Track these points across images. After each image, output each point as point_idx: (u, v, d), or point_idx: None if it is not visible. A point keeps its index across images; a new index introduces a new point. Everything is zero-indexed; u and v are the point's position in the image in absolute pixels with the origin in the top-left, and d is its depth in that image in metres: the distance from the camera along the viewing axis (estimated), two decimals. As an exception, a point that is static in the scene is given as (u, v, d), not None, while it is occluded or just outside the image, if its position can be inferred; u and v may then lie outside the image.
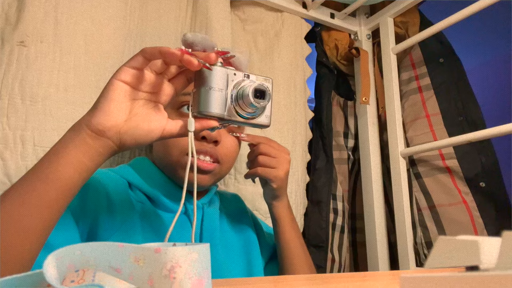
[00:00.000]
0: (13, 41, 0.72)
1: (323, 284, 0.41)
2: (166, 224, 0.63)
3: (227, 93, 0.48)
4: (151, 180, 0.66)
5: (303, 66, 1.15)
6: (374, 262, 1.08)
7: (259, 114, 0.51)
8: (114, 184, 0.62)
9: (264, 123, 0.52)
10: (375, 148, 1.16)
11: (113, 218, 0.58)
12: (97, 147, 0.44)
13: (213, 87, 0.47)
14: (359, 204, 1.19)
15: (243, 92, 0.48)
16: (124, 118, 0.45)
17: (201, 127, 0.47)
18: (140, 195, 0.64)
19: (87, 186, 0.57)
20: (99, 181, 0.60)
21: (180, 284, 0.25)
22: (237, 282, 0.43)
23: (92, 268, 0.26)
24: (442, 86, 1.12)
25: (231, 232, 0.73)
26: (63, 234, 0.51)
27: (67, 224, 0.52)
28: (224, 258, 0.67)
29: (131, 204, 0.61)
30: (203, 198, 0.71)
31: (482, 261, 0.20)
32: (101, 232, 0.56)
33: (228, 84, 0.48)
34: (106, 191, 0.60)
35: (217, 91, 0.47)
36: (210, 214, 0.69)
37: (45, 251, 0.45)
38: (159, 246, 0.26)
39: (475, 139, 0.90)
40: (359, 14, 1.25)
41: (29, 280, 0.25)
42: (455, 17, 0.95)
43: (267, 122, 0.52)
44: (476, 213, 0.99)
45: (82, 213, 0.55)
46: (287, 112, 1.07)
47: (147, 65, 0.45)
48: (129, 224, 0.59)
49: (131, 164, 0.70)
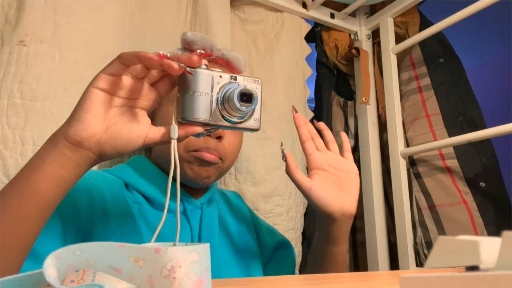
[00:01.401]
0: (12, 41, 0.72)
1: (323, 284, 0.41)
2: (164, 225, 0.63)
3: (212, 96, 0.46)
4: (150, 179, 0.65)
5: (303, 66, 1.15)
6: (374, 262, 1.08)
7: (247, 118, 0.48)
8: (109, 186, 0.61)
9: (253, 127, 0.49)
10: (375, 148, 1.16)
11: (108, 222, 0.57)
12: (76, 159, 0.43)
13: (197, 91, 0.45)
14: (359, 204, 1.19)
15: (228, 96, 0.45)
16: (103, 128, 0.43)
17: (185, 133, 0.45)
18: (137, 196, 0.63)
19: (79, 190, 0.56)
20: (93, 184, 0.59)
21: (180, 284, 0.25)
22: (236, 282, 0.43)
23: (92, 268, 0.26)
24: (442, 86, 1.12)
25: (230, 231, 0.72)
26: (50, 242, 0.50)
27: (54, 232, 0.51)
28: (222, 258, 0.66)
29: (127, 206, 0.60)
30: (202, 197, 0.70)
31: (482, 261, 0.20)
32: (96, 237, 0.55)
33: (213, 87, 0.46)
34: (101, 194, 0.59)
35: (202, 95, 0.45)
36: (209, 214, 0.68)
37: (30, 260, 0.45)
38: (159, 246, 0.26)
39: (475, 139, 0.90)
40: (359, 14, 1.25)
41: (29, 280, 0.25)
42: (455, 17, 0.95)
43: (256, 126, 0.49)
44: (476, 213, 0.99)
45: (75, 219, 0.54)
46: (287, 112, 1.07)
47: (126, 70, 0.43)
48: (125, 227, 0.58)
49: (129, 163, 0.69)
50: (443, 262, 0.22)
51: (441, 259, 0.22)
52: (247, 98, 0.45)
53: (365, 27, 1.24)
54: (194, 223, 0.65)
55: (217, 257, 0.65)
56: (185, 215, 0.65)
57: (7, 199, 0.41)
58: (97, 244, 0.25)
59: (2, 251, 0.39)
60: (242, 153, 0.96)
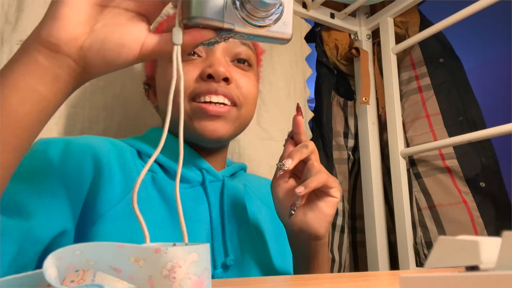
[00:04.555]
0: (12, 41, 0.72)
1: (323, 284, 0.41)
2: (181, 196, 0.55)
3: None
4: (165, 148, 0.57)
5: (303, 66, 1.15)
6: (374, 262, 1.08)
7: (273, 21, 0.35)
8: (118, 151, 0.54)
9: (283, 35, 0.36)
10: (375, 148, 1.16)
11: (115, 189, 0.51)
12: (54, 69, 0.33)
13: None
14: (359, 204, 1.19)
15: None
16: (87, 28, 0.34)
17: (192, 39, 0.35)
18: (151, 164, 0.58)
19: (85, 152, 0.50)
20: (100, 147, 0.53)
21: (180, 284, 0.25)
22: (237, 282, 0.43)
23: (92, 268, 0.26)
24: (442, 86, 1.12)
25: (259, 214, 0.65)
26: (51, 209, 0.44)
27: (56, 201, 0.45)
28: (253, 240, 0.60)
29: (139, 174, 0.55)
30: (223, 170, 0.63)
31: (482, 261, 0.20)
32: (99, 205, 0.49)
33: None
34: (108, 158, 0.52)
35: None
36: (232, 187, 0.61)
37: (21, 219, 0.40)
38: (159, 246, 0.26)
39: (475, 139, 0.90)
40: (359, 14, 1.25)
41: (29, 280, 0.25)
42: (455, 17, 0.95)
43: (287, 32, 0.36)
44: (476, 213, 1.00)
45: (79, 185, 0.48)
46: (287, 112, 1.07)
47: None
48: None
49: (143, 135, 0.63)
50: (443, 262, 0.22)
51: (441, 259, 0.22)
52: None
53: (365, 27, 1.24)
54: (213, 198, 0.59)
55: (244, 238, 0.59)
56: (203, 187, 0.59)
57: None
58: (97, 244, 0.25)
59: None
60: (245, 153, 0.96)
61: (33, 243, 0.43)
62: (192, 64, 0.58)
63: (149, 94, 0.68)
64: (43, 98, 0.33)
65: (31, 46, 0.33)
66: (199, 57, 0.59)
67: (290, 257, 0.61)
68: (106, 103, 0.80)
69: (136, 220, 0.45)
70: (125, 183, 0.52)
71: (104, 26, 0.34)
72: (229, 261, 0.55)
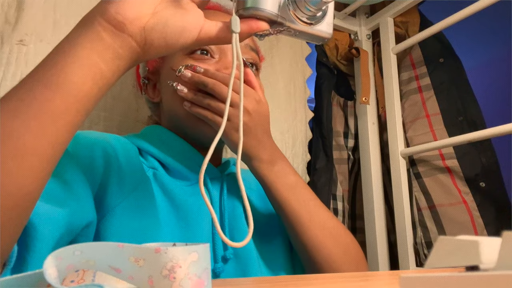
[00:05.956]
0: (12, 41, 0.72)
1: (323, 284, 0.41)
2: (182, 193, 0.56)
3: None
4: (165, 146, 0.58)
5: (303, 66, 1.15)
6: (374, 262, 1.08)
7: (319, 19, 0.37)
8: (123, 147, 0.54)
9: (326, 34, 0.38)
10: (375, 148, 1.16)
11: (123, 183, 0.50)
12: (116, 47, 0.34)
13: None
14: (359, 204, 1.19)
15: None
16: (151, 10, 0.35)
17: (249, 28, 0.36)
18: (152, 161, 0.57)
19: (96, 144, 0.50)
20: (108, 141, 0.52)
21: (180, 284, 0.25)
22: (236, 282, 0.43)
23: (92, 268, 0.26)
24: (442, 86, 1.12)
25: (257, 207, 0.65)
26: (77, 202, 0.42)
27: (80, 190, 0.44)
28: (259, 242, 0.60)
29: (143, 170, 0.54)
30: (222, 165, 0.64)
31: (482, 261, 0.20)
32: (109, 198, 0.48)
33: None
34: (115, 152, 0.51)
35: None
36: (231, 183, 0.61)
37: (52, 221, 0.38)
38: (159, 246, 0.26)
39: (475, 139, 0.90)
40: (359, 14, 1.25)
41: (29, 280, 0.25)
42: (455, 17, 0.95)
43: (329, 32, 0.38)
44: (476, 213, 1.00)
45: (91, 177, 0.47)
46: (287, 112, 1.07)
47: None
48: (141, 193, 0.51)
49: (141, 133, 0.63)
50: (443, 262, 0.22)
51: (441, 259, 0.22)
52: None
53: (365, 27, 1.24)
54: (214, 193, 0.60)
55: (244, 231, 0.59)
56: (206, 188, 0.59)
57: (29, 90, 0.31)
58: (97, 244, 0.25)
59: (21, 158, 0.29)
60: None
61: (69, 232, 0.41)
62: (206, 64, 0.58)
63: (148, 89, 0.67)
64: (103, 75, 0.33)
65: (96, 21, 0.33)
66: (212, 58, 0.59)
67: (288, 249, 0.62)
68: (106, 103, 0.80)
69: (145, 214, 0.45)
70: (132, 178, 0.52)
71: (165, 8, 0.35)
72: (228, 254, 0.56)
